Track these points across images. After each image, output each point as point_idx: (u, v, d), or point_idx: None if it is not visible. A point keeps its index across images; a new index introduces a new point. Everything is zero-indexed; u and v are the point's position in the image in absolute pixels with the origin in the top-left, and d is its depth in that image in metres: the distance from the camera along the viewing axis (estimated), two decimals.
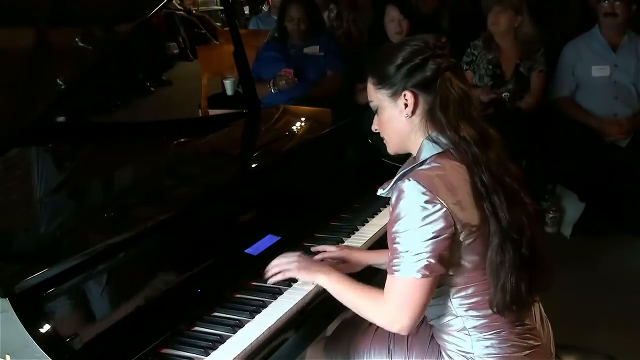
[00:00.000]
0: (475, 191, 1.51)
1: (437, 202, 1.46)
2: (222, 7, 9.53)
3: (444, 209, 1.46)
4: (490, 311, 1.56)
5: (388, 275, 1.53)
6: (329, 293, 1.75)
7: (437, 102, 1.55)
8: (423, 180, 1.48)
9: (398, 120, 1.60)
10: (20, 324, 1.39)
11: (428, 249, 1.46)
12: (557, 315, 1.78)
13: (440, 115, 1.54)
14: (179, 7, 10.53)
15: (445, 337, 1.62)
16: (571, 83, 4.09)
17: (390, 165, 2.58)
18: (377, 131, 1.69)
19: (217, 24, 10.60)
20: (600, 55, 4.02)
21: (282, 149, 2.42)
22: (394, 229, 1.50)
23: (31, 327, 1.39)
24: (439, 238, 1.47)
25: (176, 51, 9.50)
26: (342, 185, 2.39)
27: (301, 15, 4.18)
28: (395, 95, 1.59)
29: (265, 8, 6.79)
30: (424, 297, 1.50)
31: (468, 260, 1.54)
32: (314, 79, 4.19)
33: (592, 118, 3.96)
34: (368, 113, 1.73)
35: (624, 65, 3.98)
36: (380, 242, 2.12)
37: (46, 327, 1.42)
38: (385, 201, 2.37)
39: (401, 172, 1.59)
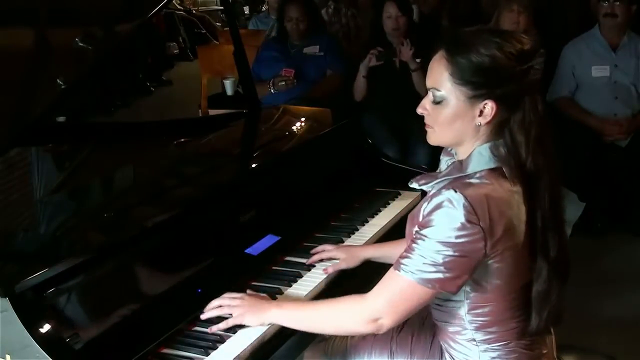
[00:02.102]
0: (531, 224, 1.45)
1: (477, 225, 1.37)
2: (222, 7, 9.53)
3: (481, 234, 1.38)
4: (500, 328, 1.53)
5: (391, 270, 1.46)
6: (329, 293, 1.74)
7: (519, 121, 1.43)
8: (471, 197, 1.38)
9: (464, 123, 1.47)
10: (21, 324, 1.39)
11: (448, 266, 1.39)
12: None
13: (519, 137, 1.43)
14: (179, 7, 10.54)
15: (451, 343, 1.60)
16: (571, 83, 4.09)
17: (390, 165, 2.59)
18: (422, 114, 1.54)
19: (217, 24, 10.61)
20: (600, 55, 4.03)
21: (282, 149, 2.42)
22: (421, 231, 1.42)
23: (31, 327, 1.39)
24: (464, 258, 1.39)
25: (176, 51, 9.51)
26: (342, 185, 2.39)
27: (300, 14, 4.18)
28: (474, 98, 1.44)
29: (264, 8, 6.79)
30: (416, 306, 1.46)
31: (490, 283, 1.48)
32: (314, 79, 4.19)
33: (592, 118, 3.96)
34: (368, 113, 1.70)
35: (624, 65, 3.98)
36: (381, 242, 2.11)
37: (46, 327, 1.42)
38: (385, 201, 2.39)
39: (446, 177, 1.49)
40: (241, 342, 1.58)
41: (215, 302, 1.64)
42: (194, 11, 11.11)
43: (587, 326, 2.86)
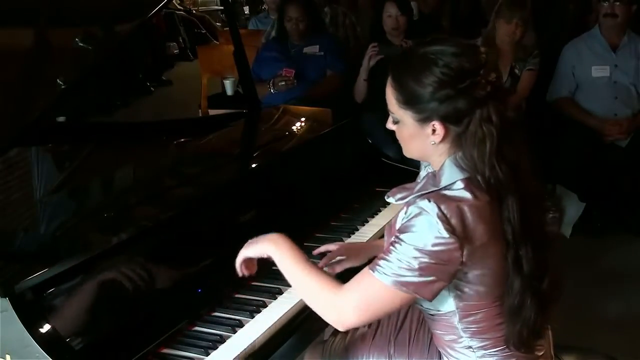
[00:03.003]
0: (500, 235, 1.43)
1: (453, 236, 1.37)
2: (222, 7, 9.53)
3: (457, 243, 1.37)
4: (496, 334, 1.53)
5: (367, 269, 1.45)
6: None
7: (471, 135, 1.41)
8: (446, 207, 1.38)
9: (420, 142, 1.48)
10: (20, 324, 1.39)
11: (424, 271, 1.38)
12: (557, 315, 1.78)
13: (473, 151, 1.41)
14: (179, 7, 10.54)
15: (449, 350, 1.60)
16: (571, 83, 4.09)
17: (390, 165, 2.59)
18: (391, 129, 1.57)
19: (217, 24, 10.61)
20: (600, 55, 4.03)
21: (282, 149, 2.42)
22: (400, 236, 1.42)
23: (31, 327, 1.39)
24: (441, 266, 1.39)
25: (176, 51, 9.51)
26: (342, 185, 2.39)
27: (299, 14, 4.18)
28: (422, 121, 1.45)
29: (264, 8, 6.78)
30: (386, 309, 1.44)
31: (473, 290, 1.48)
32: (314, 79, 4.19)
33: (592, 118, 3.97)
34: (368, 113, 1.70)
35: (624, 65, 3.99)
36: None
37: (46, 327, 1.42)
38: (386, 201, 2.38)
39: (421, 191, 1.47)
40: (241, 342, 1.59)
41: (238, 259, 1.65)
42: (194, 11, 11.12)
43: (587, 326, 2.86)
